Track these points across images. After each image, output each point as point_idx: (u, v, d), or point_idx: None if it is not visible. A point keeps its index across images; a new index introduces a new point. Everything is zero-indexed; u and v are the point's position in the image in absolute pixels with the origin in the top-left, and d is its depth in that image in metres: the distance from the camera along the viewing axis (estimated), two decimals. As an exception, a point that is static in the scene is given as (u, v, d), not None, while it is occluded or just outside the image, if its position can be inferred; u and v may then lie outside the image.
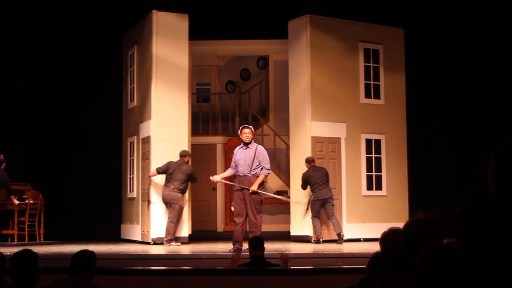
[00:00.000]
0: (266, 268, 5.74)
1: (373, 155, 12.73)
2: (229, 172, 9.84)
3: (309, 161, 11.64)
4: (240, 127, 9.88)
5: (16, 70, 13.36)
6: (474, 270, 2.11)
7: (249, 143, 9.57)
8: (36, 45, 13.54)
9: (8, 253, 4.08)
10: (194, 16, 12.39)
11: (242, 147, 9.68)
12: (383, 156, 12.76)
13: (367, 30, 12.92)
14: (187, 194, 11.85)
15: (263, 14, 13.29)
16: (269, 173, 9.67)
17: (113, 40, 13.57)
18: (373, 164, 12.69)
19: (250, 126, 9.77)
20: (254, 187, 9.31)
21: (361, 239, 12.16)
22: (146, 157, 12.07)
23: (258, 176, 9.44)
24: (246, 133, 9.61)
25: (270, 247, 9.18)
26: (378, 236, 13.14)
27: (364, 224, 12.35)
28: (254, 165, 9.46)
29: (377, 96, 12.83)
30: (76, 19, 13.54)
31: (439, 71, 13.43)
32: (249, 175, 9.47)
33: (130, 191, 12.95)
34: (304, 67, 12.36)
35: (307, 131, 12.22)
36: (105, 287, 4.19)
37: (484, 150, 12.47)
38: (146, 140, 12.07)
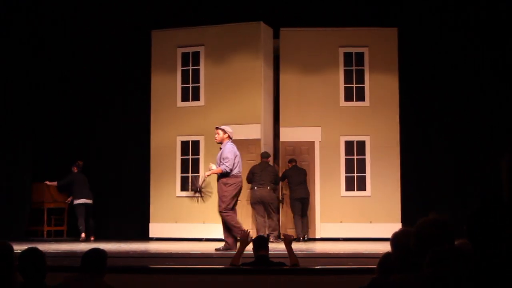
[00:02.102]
0: (271, 268, 5.80)
1: (355, 157, 12.87)
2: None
3: (290, 161, 12.55)
4: None
5: (15, 70, 13.33)
6: (478, 270, 2.17)
7: (221, 143, 9.67)
8: (37, 44, 13.56)
9: (18, 251, 4.14)
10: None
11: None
12: (367, 157, 12.87)
13: (350, 34, 13.11)
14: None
15: (275, 16, 13.34)
16: (226, 170, 9.40)
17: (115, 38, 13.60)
18: (355, 166, 12.85)
19: (222, 127, 9.76)
20: (207, 172, 9.65)
21: (340, 239, 12.35)
22: (247, 158, 12.17)
23: (226, 176, 9.49)
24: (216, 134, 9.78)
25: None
26: (360, 235, 13.15)
27: (342, 224, 12.60)
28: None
29: (361, 98, 12.98)
30: (80, 17, 13.59)
31: (438, 70, 13.43)
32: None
33: (183, 190, 12.82)
34: (275, 79, 13.24)
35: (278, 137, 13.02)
36: (116, 286, 4.23)
37: (484, 150, 12.60)
38: (249, 143, 12.39)
